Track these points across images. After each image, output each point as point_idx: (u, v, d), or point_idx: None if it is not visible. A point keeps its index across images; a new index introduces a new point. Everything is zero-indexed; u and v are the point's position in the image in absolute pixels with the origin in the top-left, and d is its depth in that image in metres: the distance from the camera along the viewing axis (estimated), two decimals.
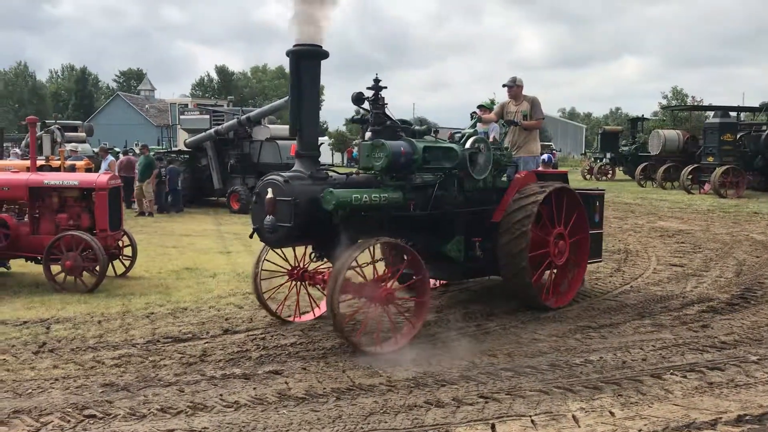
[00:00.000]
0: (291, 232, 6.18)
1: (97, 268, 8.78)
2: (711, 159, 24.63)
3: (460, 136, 7.90)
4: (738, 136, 25.17)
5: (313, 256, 6.84)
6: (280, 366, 5.82)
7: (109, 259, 9.15)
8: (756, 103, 33.66)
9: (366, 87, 6.92)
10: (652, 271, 10.21)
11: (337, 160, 51.60)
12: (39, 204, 9.34)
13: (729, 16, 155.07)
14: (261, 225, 6.22)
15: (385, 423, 4.66)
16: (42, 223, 9.27)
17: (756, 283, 9.26)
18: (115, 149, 24.39)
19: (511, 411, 4.87)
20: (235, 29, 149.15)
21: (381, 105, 6.96)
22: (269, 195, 6.13)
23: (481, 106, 9.69)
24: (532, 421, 4.72)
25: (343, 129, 62.90)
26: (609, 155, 34.94)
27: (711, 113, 30.20)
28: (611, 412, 4.87)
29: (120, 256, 9.82)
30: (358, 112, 7.12)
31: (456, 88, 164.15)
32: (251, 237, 6.57)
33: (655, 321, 7.35)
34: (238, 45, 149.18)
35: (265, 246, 6.91)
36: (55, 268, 8.84)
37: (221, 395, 5.14)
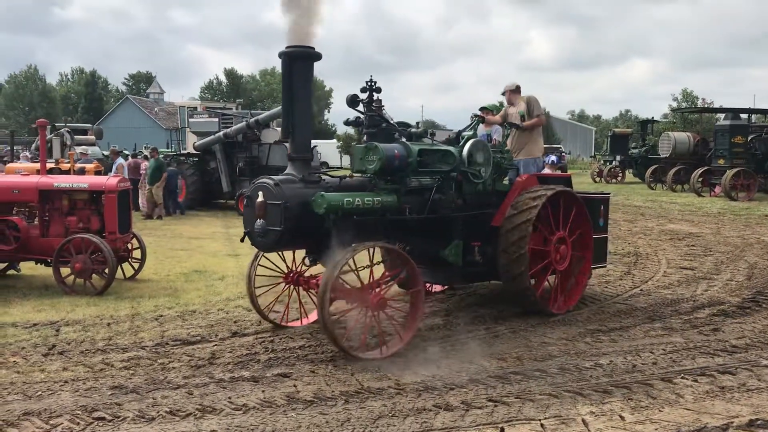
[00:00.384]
0: (281, 236, 6.09)
1: (107, 270, 8.82)
2: (722, 161, 24.51)
3: (456, 134, 7.72)
4: (749, 139, 25.01)
5: (306, 261, 6.73)
6: (288, 369, 5.81)
7: (118, 261, 9.18)
8: (767, 105, 33.50)
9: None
10: (662, 274, 10.15)
11: (346, 162, 51.62)
12: (49, 207, 9.38)
13: (739, 17, 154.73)
14: (252, 228, 6.14)
15: (394, 426, 4.64)
16: (52, 225, 9.32)
17: None
18: (124, 152, 24.47)
19: (520, 415, 4.85)
20: (243, 32, 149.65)
21: (377, 107, 6.90)
22: (260, 198, 6.05)
23: (483, 108, 9.63)
24: (542, 425, 4.69)
25: (352, 131, 62.94)
26: (619, 158, 34.79)
27: (721, 115, 30.03)
28: (621, 416, 4.83)
29: (129, 259, 9.85)
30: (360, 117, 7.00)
31: (464, 90, 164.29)
32: (242, 240, 6.46)
33: (665, 324, 7.31)
34: (247, 48, 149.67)
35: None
36: (64, 271, 8.88)
37: (230, 398, 5.14)
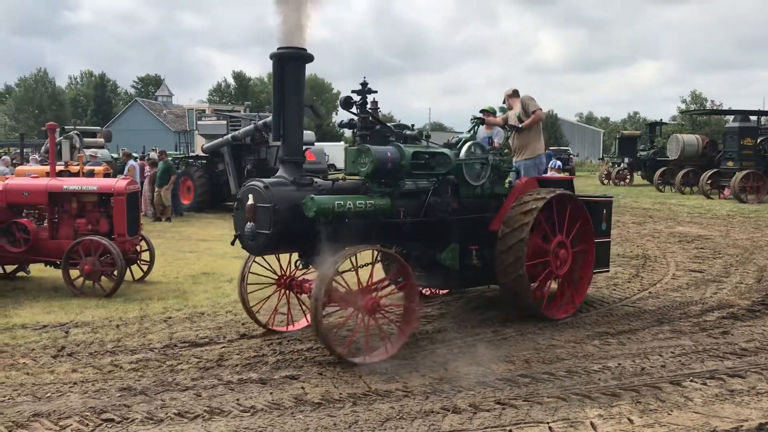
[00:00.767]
0: (271, 239, 6.02)
1: (115, 272, 8.85)
2: (731, 164, 24.41)
3: (456, 141, 7.63)
4: (758, 141, 24.88)
5: (299, 264, 6.66)
6: (296, 371, 5.82)
7: (127, 263, 9.21)
8: None
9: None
10: (671, 276, 10.11)
11: None
12: (58, 209, 9.43)
13: (749, 19, 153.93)
14: (242, 231, 6.09)
15: (402, 429, 4.64)
16: (61, 227, 9.37)
17: None
18: (133, 155, 24.59)
19: (528, 417, 4.84)
20: (252, 35, 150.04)
21: (373, 109, 6.86)
22: (249, 201, 6.01)
23: (483, 110, 9.60)
24: (550, 428, 4.68)
25: None
26: (627, 160, 34.68)
27: (731, 117, 29.93)
28: (630, 419, 4.82)
29: (138, 261, 9.89)
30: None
31: (472, 92, 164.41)
32: (233, 244, 6.42)
33: (674, 327, 7.28)
34: (255, 51, 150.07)
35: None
36: (73, 273, 8.92)
37: (238, 400, 5.15)
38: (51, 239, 9.29)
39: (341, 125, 7.19)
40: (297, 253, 6.62)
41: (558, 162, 15.53)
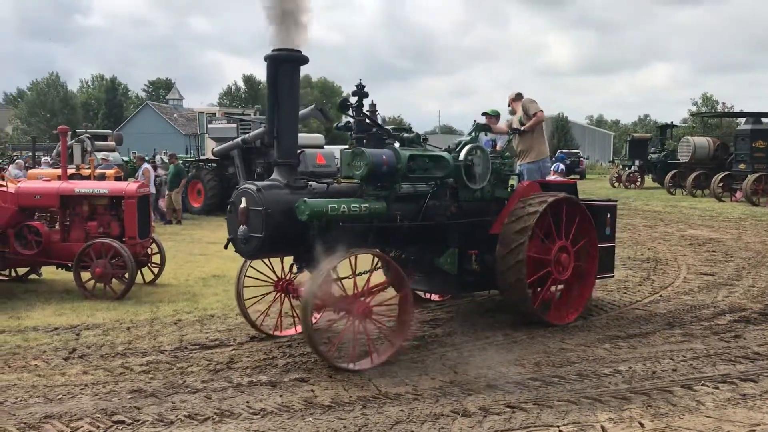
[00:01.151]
0: (263, 242, 5.95)
1: (126, 275, 8.89)
2: (743, 166, 24.28)
3: (456, 144, 7.49)
4: None
5: (294, 268, 6.62)
6: (306, 374, 5.82)
7: (137, 266, 9.25)
8: None
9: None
10: (682, 280, 10.06)
11: None
12: (70, 212, 9.49)
13: (761, 20, 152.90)
14: (235, 235, 6.04)
15: None
16: (72, 230, 9.42)
17: None
18: (144, 158, 24.73)
19: (538, 421, 4.82)
20: (262, 39, 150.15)
21: (371, 112, 6.81)
22: (242, 204, 5.98)
23: (486, 113, 9.54)
24: (560, 431, 4.67)
25: None
26: (638, 163, 34.55)
27: (742, 120, 29.74)
28: (641, 423, 4.79)
29: (149, 264, 9.94)
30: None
31: (481, 95, 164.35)
32: (226, 247, 6.38)
33: (685, 331, 7.23)
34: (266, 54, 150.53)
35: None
36: (85, 276, 8.97)
37: (248, 402, 5.16)
38: (62, 242, 9.35)
39: (338, 128, 7.16)
40: (292, 257, 6.56)
41: (561, 165, 15.39)
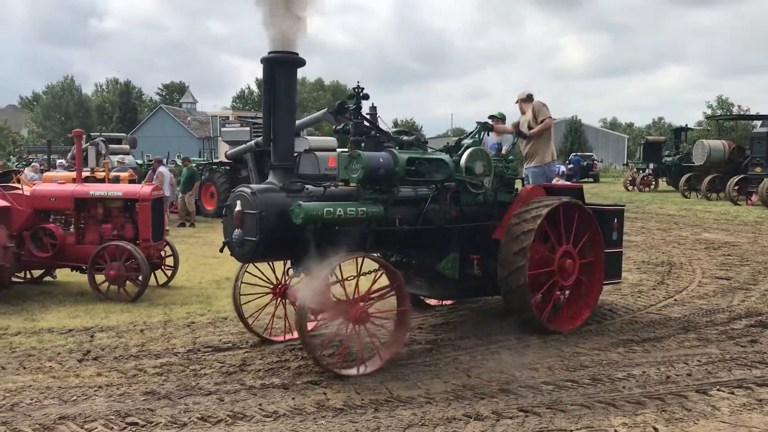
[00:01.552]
0: (257, 246, 5.90)
1: (140, 277, 8.94)
2: (758, 169, 24.13)
3: (455, 143, 7.41)
4: None
5: (290, 272, 6.57)
6: (318, 377, 5.83)
7: (151, 268, 9.31)
8: None
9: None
10: (697, 284, 9.98)
11: None
12: (84, 215, 9.57)
13: None
14: (231, 238, 6.02)
15: None
16: (87, 233, 9.50)
17: None
18: (161, 160, 24.90)
19: (551, 425, 4.80)
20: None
21: (371, 115, 6.78)
22: (237, 207, 5.95)
23: (492, 116, 9.49)
24: None
25: None
26: (652, 166, 34.34)
27: (758, 122, 29.50)
28: (655, 428, 4.76)
29: (162, 266, 9.99)
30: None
31: (494, 98, 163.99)
32: (221, 251, 6.36)
33: (700, 335, 7.18)
34: None
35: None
36: (99, 278, 9.03)
37: (260, 405, 5.17)
38: (77, 244, 9.41)
39: (336, 131, 7.14)
40: (289, 261, 6.52)
41: (562, 167, 15.24)
